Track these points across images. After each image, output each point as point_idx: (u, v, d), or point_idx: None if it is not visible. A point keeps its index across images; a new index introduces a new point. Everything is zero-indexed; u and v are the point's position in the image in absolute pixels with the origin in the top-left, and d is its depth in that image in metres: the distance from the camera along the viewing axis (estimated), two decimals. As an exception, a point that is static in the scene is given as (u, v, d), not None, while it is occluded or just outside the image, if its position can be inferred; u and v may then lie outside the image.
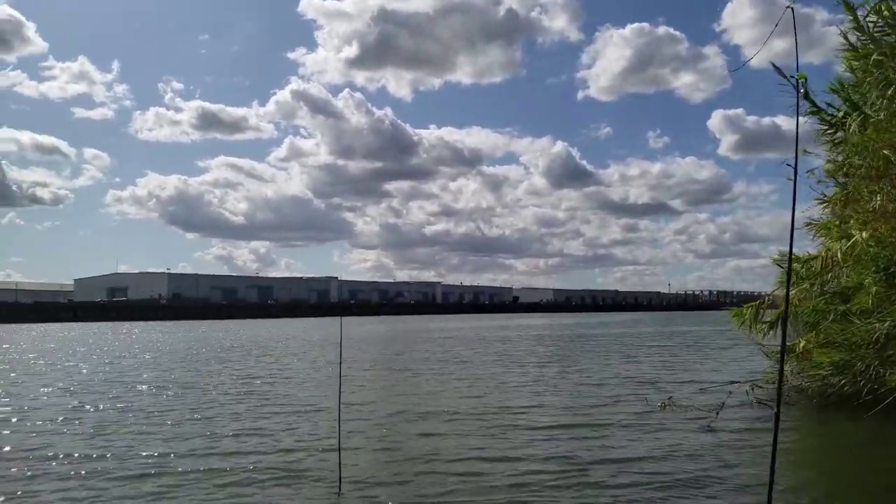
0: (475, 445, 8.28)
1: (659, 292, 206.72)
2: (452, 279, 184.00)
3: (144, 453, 8.10)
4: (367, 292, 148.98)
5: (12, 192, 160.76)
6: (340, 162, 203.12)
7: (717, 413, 10.03)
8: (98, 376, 17.52)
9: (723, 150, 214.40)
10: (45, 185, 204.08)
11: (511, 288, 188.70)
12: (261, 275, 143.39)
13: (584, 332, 42.20)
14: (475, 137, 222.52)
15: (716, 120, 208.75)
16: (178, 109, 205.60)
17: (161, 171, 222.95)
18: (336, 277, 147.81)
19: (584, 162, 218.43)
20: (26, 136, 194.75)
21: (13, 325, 71.23)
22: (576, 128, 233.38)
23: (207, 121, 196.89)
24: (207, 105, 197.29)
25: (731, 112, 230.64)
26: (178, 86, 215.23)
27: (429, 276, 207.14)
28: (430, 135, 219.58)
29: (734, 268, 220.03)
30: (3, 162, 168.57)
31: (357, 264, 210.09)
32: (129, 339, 38.22)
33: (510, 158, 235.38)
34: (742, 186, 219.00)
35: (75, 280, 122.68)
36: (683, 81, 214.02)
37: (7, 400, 13.07)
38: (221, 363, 21.24)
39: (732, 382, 12.26)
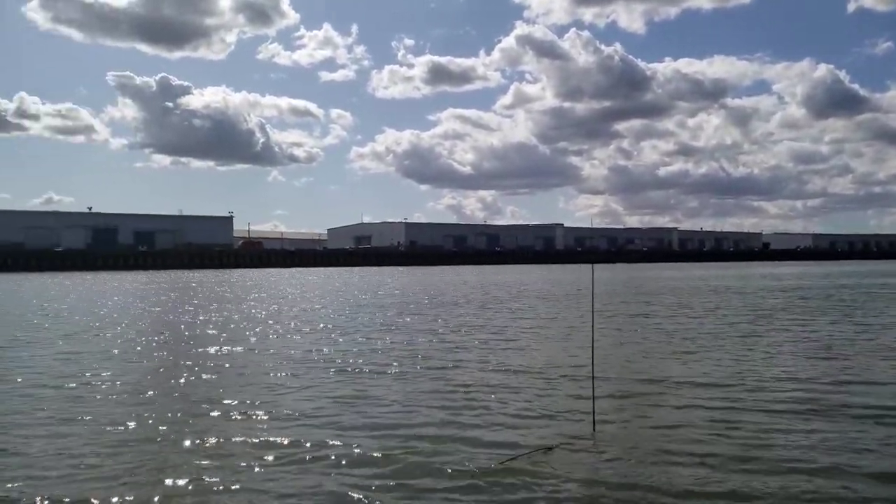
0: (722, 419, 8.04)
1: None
2: (690, 225, 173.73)
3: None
4: (594, 239, 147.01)
5: (275, 152, 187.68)
6: (567, 105, 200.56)
7: None
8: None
9: None
10: (300, 144, 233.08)
11: (760, 233, 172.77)
12: (488, 223, 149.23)
13: (864, 283, 37.15)
14: (718, 67, 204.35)
15: None
16: (409, 66, 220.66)
17: (396, 127, 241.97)
18: (562, 224, 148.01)
19: (854, 86, 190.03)
20: (284, 102, 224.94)
21: (280, 269, 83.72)
22: (844, 46, 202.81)
23: (437, 74, 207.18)
24: (436, 59, 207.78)
25: None
26: (409, 42, 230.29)
27: (663, 221, 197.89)
28: (664, 68, 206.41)
29: None
30: (267, 126, 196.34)
31: (583, 210, 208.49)
32: (394, 280, 42.74)
33: (760, 87, 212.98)
34: None
35: (328, 230, 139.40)
36: None
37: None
38: (497, 304, 22.88)
39: None
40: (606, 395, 8.14)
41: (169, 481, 5.42)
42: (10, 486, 5.36)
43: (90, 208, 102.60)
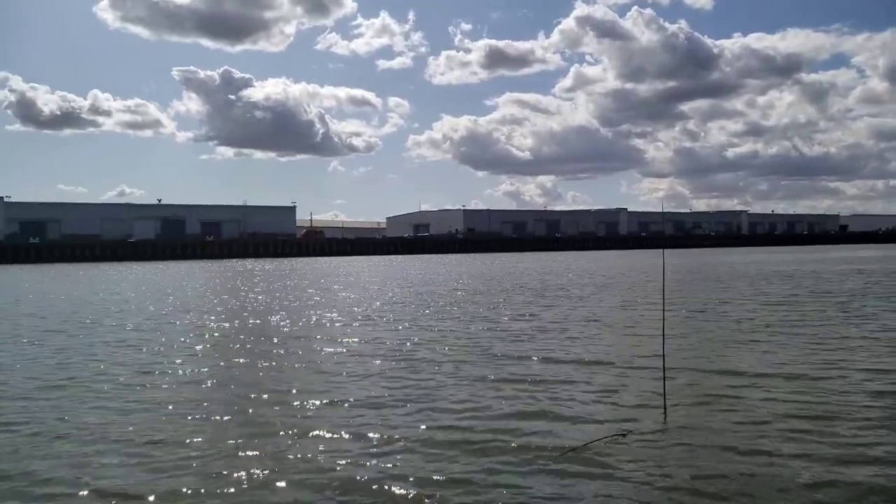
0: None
1: None
2: (760, 207, 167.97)
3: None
4: (659, 224, 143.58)
5: (334, 142, 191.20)
6: (629, 86, 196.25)
7: None
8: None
9: None
10: (358, 134, 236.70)
11: (838, 215, 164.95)
12: (548, 208, 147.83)
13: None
14: (791, 41, 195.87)
15: None
16: (467, 51, 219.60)
17: (453, 113, 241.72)
18: (625, 209, 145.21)
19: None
20: (342, 92, 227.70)
21: (341, 258, 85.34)
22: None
23: (494, 58, 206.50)
24: (494, 43, 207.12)
25: None
26: (466, 27, 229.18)
27: (731, 204, 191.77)
28: (733, 45, 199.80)
29: None
30: (327, 116, 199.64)
31: (647, 194, 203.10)
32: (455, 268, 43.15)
33: (838, 61, 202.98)
34: None
35: (387, 218, 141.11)
36: None
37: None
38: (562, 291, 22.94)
39: None
40: (678, 385, 8.16)
41: (243, 465, 5.80)
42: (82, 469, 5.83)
43: (160, 200, 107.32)
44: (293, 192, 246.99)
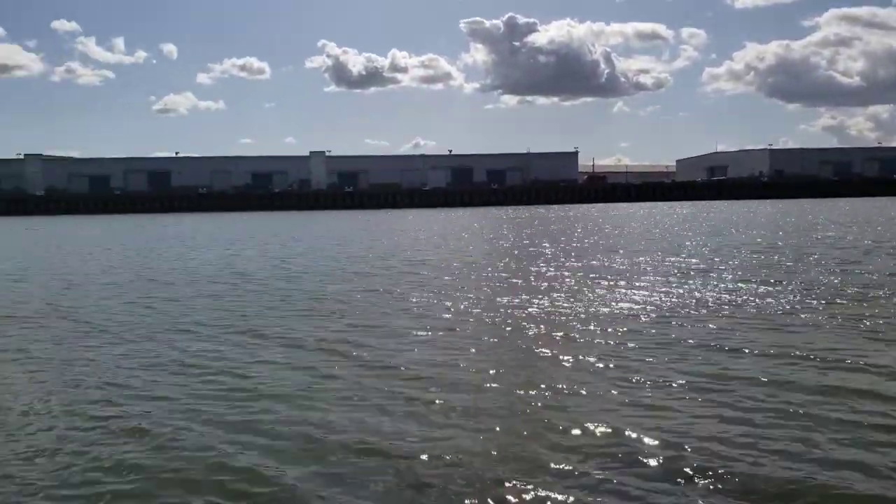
0: None
1: None
2: None
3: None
4: None
5: (620, 82, 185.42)
6: None
7: None
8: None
9: None
10: (646, 71, 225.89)
11: None
12: (882, 145, 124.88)
13: None
14: None
15: None
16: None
17: (759, 40, 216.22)
18: None
19: None
20: (629, 27, 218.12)
21: (622, 204, 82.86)
22: None
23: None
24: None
25: None
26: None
27: None
28: None
29: None
30: (612, 55, 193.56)
31: None
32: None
33: None
34: None
35: (677, 161, 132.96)
36: None
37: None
38: None
39: None
40: None
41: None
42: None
43: (450, 151, 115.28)
44: (575, 138, 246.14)
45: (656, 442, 5.20)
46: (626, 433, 5.39)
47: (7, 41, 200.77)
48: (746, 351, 7.84)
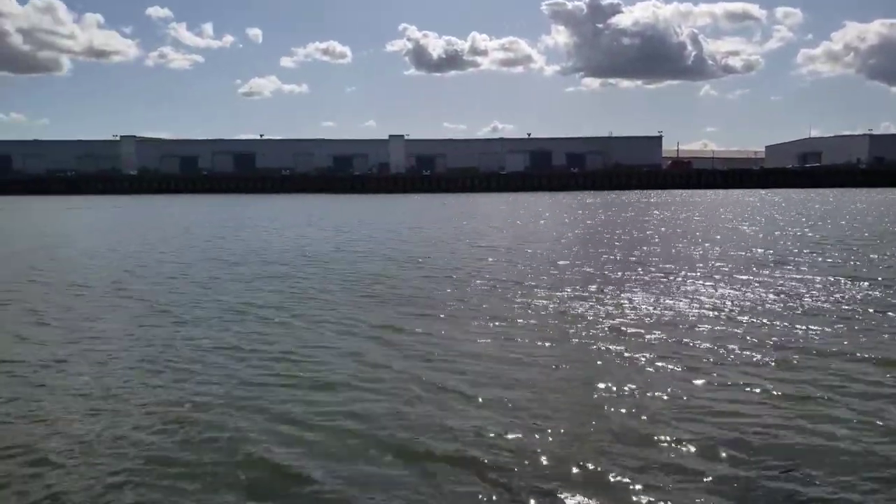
0: None
1: None
2: None
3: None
4: None
5: (707, 65, 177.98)
6: None
7: None
8: None
9: None
10: (736, 53, 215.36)
11: None
12: None
13: None
14: None
15: None
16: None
17: (861, 19, 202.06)
18: None
19: None
20: (719, 7, 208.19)
21: (709, 191, 79.47)
22: None
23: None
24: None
25: None
26: None
27: None
28: None
29: None
30: (700, 36, 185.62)
31: None
32: None
33: None
34: None
35: (766, 147, 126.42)
36: None
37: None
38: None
39: None
40: None
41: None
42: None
43: (529, 134, 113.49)
44: (659, 122, 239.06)
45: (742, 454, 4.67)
46: (700, 440, 4.90)
47: (106, 27, 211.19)
48: (850, 356, 7.11)
